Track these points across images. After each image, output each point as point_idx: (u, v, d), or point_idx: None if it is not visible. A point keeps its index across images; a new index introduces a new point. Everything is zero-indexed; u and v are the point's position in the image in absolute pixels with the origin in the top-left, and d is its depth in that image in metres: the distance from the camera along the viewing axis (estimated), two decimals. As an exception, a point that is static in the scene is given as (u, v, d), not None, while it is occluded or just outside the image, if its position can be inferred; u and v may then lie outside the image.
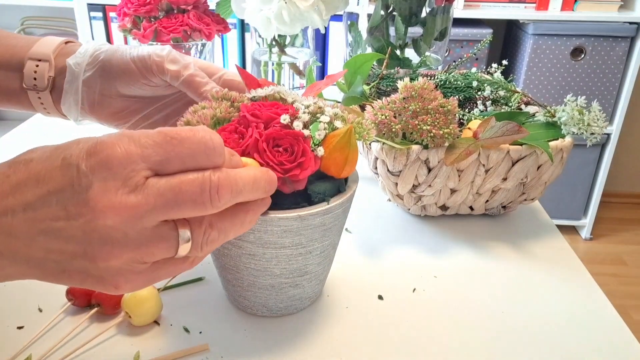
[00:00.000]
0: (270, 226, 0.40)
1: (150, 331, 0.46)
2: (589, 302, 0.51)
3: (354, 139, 0.41)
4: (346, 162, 0.41)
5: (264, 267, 0.43)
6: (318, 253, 0.44)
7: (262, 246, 0.42)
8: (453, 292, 0.52)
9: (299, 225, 0.41)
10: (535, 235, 0.62)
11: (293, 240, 0.42)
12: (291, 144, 0.39)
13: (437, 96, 0.55)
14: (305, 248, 0.43)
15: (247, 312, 0.48)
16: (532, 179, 0.59)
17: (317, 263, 0.45)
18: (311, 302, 0.49)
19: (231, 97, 0.45)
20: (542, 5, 1.89)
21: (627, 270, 2.08)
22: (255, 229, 0.41)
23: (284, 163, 0.39)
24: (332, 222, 0.43)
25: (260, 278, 0.44)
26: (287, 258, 0.43)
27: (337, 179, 0.43)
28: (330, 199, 0.42)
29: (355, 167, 0.43)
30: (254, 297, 0.46)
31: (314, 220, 0.41)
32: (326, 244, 0.44)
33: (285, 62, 0.87)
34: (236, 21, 1.88)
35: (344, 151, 0.41)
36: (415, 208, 0.62)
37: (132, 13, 0.80)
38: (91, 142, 0.29)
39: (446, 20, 0.78)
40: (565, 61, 1.90)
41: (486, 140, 0.55)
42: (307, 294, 0.47)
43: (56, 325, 0.46)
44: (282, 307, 0.47)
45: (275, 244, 0.41)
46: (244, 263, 0.44)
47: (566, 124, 0.58)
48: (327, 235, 0.44)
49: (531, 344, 0.46)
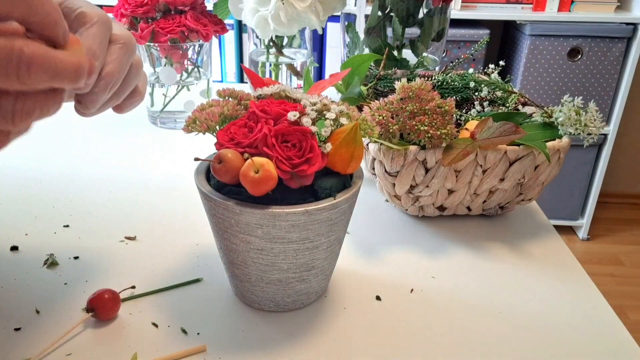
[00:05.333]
0: (278, 221, 0.41)
1: (148, 332, 0.46)
2: (586, 302, 0.51)
3: (360, 135, 0.42)
4: (352, 158, 0.42)
5: (272, 262, 0.44)
6: (325, 248, 0.45)
7: (270, 241, 0.42)
8: (450, 292, 0.52)
9: (306, 220, 0.41)
10: (533, 236, 0.62)
11: (300, 235, 0.42)
12: (299, 140, 0.40)
13: (434, 97, 0.55)
14: (312, 243, 0.43)
15: (255, 307, 0.48)
16: (530, 180, 0.59)
17: (324, 258, 0.45)
18: (317, 296, 0.49)
19: (238, 95, 0.46)
20: (539, 6, 1.89)
21: (624, 271, 2.08)
22: (263, 223, 0.41)
23: (292, 158, 0.40)
24: (339, 217, 0.44)
25: (268, 273, 0.45)
26: (294, 253, 0.43)
27: (343, 175, 0.44)
28: (337, 194, 0.42)
29: (360, 163, 0.44)
30: (262, 292, 0.47)
31: (321, 215, 0.42)
32: (332, 239, 0.45)
33: (283, 63, 0.87)
34: (234, 22, 1.88)
35: (349, 147, 0.42)
36: (412, 209, 0.62)
37: (130, 14, 0.80)
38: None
39: (443, 21, 0.78)
40: (562, 62, 1.90)
41: (483, 140, 0.55)
42: (313, 289, 0.48)
43: (53, 328, 0.46)
44: (290, 302, 0.47)
45: (283, 238, 0.42)
46: (252, 258, 0.44)
47: (563, 125, 0.59)
48: (334, 230, 0.44)
49: (528, 344, 0.46)
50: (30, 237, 0.58)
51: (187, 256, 0.56)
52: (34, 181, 0.70)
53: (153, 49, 0.83)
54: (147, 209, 0.64)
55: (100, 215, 0.62)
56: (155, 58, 0.85)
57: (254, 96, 0.46)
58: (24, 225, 0.60)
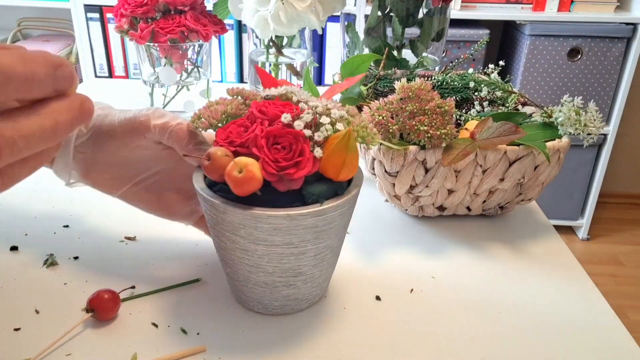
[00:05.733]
0: (260, 223, 0.40)
1: (148, 333, 0.46)
2: (586, 302, 0.51)
3: (353, 142, 0.41)
4: (344, 165, 0.41)
5: (257, 264, 0.43)
6: (312, 255, 0.44)
7: (254, 242, 0.42)
8: (450, 292, 0.52)
9: (288, 225, 0.40)
10: (533, 236, 0.62)
11: (284, 239, 0.41)
12: (290, 142, 0.40)
13: (434, 97, 0.55)
14: (298, 248, 0.42)
15: (246, 307, 0.48)
16: (529, 180, 0.59)
17: (312, 265, 0.45)
18: (309, 304, 0.49)
19: (245, 95, 0.46)
20: (539, 6, 1.89)
21: (624, 271, 2.08)
22: (245, 224, 0.41)
23: (279, 161, 0.39)
24: (327, 225, 0.42)
25: (254, 274, 0.44)
26: (279, 257, 0.43)
27: (336, 182, 0.43)
28: (325, 201, 0.42)
29: (355, 171, 0.43)
30: (250, 293, 0.46)
31: (305, 221, 0.41)
32: (321, 247, 0.44)
33: (283, 63, 0.87)
34: (233, 22, 1.88)
35: (341, 154, 0.40)
36: (412, 209, 0.62)
37: (129, 14, 0.80)
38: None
39: (443, 21, 0.78)
40: (562, 62, 1.90)
41: (483, 140, 0.55)
42: (303, 296, 0.47)
43: (53, 328, 0.46)
44: (278, 306, 0.47)
45: (266, 241, 0.41)
46: (239, 257, 0.44)
47: (563, 125, 0.59)
48: (322, 238, 0.43)
49: (528, 345, 0.46)
50: (30, 237, 0.58)
51: (186, 256, 0.56)
52: (34, 181, 0.70)
53: (153, 49, 0.83)
54: (146, 209, 0.64)
55: (100, 215, 0.62)
56: (155, 58, 0.85)
57: (261, 96, 0.45)
58: (23, 225, 0.60)
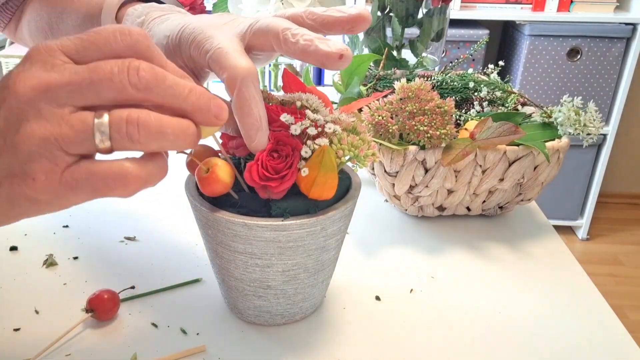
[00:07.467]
0: (220, 226, 0.40)
1: (147, 333, 0.46)
2: (586, 302, 0.51)
3: (328, 161, 0.38)
4: (313, 184, 0.39)
5: (225, 267, 0.43)
6: (280, 271, 0.42)
7: (220, 245, 0.42)
8: (450, 292, 0.52)
9: (247, 234, 0.39)
10: (532, 236, 0.62)
11: (245, 248, 0.40)
12: (287, 153, 0.38)
13: (433, 97, 0.55)
14: (261, 260, 0.41)
15: (228, 306, 0.48)
16: (529, 180, 0.59)
17: (282, 281, 0.43)
18: (285, 320, 0.46)
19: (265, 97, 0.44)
20: (538, 6, 1.89)
21: (623, 271, 2.08)
22: (210, 225, 0.41)
23: (268, 169, 0.38)
24: (293, 242, 0.40)
25: (226, 277, 0.44)
26: (243, 265, 0.42)
27: (317, 201, 0.40)
28: (291, 217, 0.40)
29: (329, 191, 0.40)
30: (226, 294, 0.47)
31: (265, 234, 0.39)
32: (290, 264, 0.42)
33: (282, 64, 0.87)
34: (233, 22, 1.88)
35: (313, 171, 0.38)
36: (412, 209, 0.62)
37: (129, 14, 0.80)
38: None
39: (443, 21, 0.78)
40: (562, 62, 1.90)
41: (483, 140, 0.55)
42: (276, 311, 0.45)
43: (52, 328, 0.46)
44: (252, 315, 0.46)
45: (229, 246, 0.41)
46: (212, 257, 0.44)
47: (562, 125, 0.59)
48: (288, 255, 0.41)
49: (528, 345, 0.46)
50: (30, 237, 0.58)
51: (186, 256, 0.56)
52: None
53: (152, 49, 0.83)
54: (147, 209, 0.64)
55: (99, 215, 0.62)
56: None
57: (278, 100, 0.43)
58: (23, 225, 0.60)
